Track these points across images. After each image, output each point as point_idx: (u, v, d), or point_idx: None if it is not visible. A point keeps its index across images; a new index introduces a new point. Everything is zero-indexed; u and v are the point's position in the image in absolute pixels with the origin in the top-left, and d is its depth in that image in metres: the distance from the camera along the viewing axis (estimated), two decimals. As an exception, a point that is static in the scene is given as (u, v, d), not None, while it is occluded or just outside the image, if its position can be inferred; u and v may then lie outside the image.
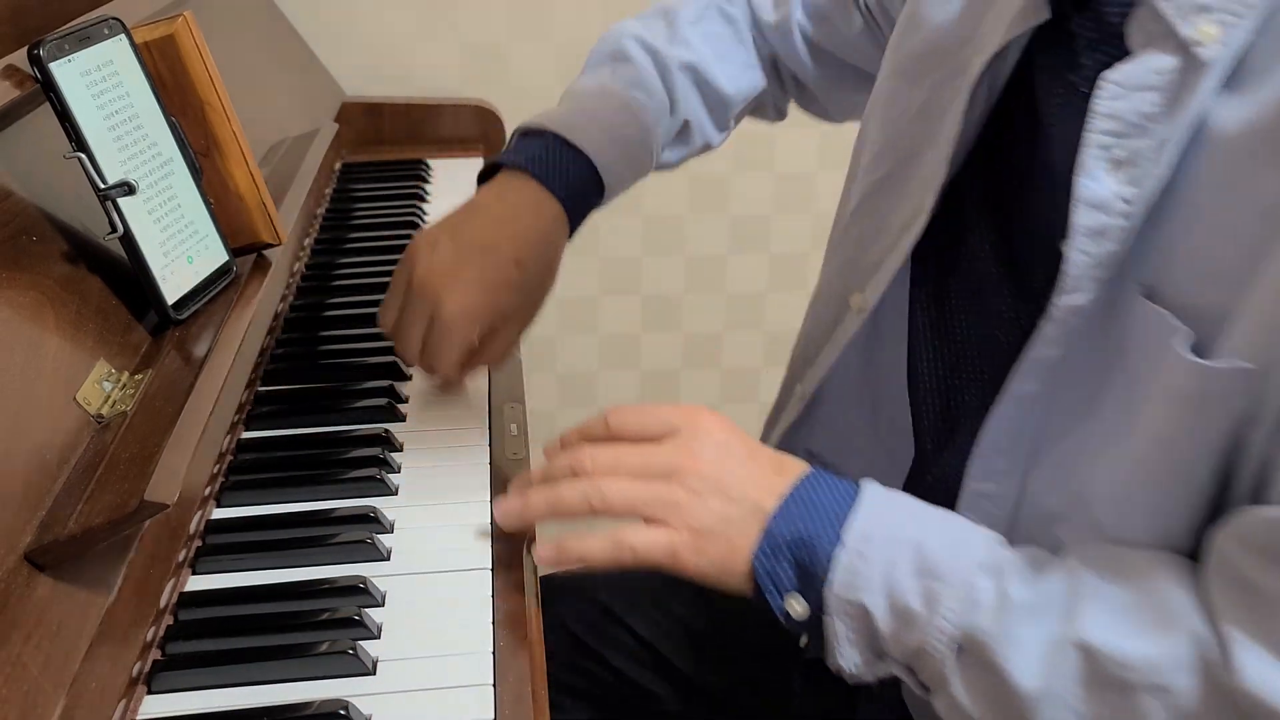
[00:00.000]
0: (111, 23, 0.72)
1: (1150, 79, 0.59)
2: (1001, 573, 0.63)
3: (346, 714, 0.58)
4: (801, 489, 0.67)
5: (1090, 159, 0.61)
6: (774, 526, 0.66)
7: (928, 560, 0.63)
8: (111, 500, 0.56)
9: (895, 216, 0.80)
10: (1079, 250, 0.61)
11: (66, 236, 0.70)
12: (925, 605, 0.62)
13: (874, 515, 0.65)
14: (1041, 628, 0.61)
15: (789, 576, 0.65)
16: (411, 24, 1.52)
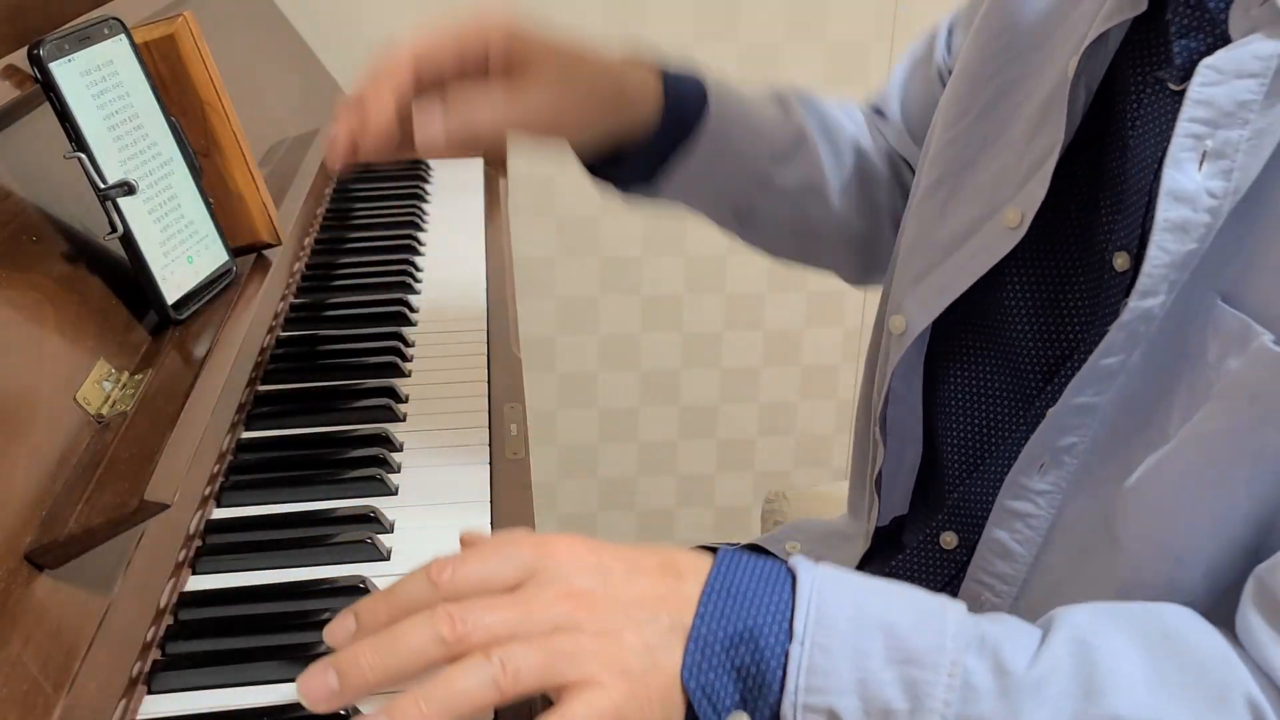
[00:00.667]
0: (111, 23, 0.73)
1: (1251, 65, 0.55)
2: (988, 647, 0.53)
3: (347, 714, 0.57)
4: (717, 579, 0.54)
5: (1179, 149, 0.57)
6: (699, 629, 0.53)
7: (901, 643, 0.52)
8: (111, 500, 0.56)
9: (942, 228, 0.75)
10: (1159, 247, 0.58)
11: (66, 236, 0.70)
12: (909, 700, 0.52)
13: (825, 597, 0.54)
14: (1055, 708, 0.51)
15: (727, 690, 0.53)
16: (411, 24, 1.52)
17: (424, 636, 0.50)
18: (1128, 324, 0.60)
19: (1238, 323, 0.56)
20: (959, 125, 0.76)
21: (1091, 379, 0.62)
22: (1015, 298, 0.72)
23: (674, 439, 1.81)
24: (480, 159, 1.46)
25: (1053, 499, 0.65)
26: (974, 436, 0.75)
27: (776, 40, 1.60)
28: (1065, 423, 0.64)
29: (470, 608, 0.51)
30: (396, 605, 0.53)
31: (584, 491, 1.82)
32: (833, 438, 1.85)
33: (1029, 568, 0.67)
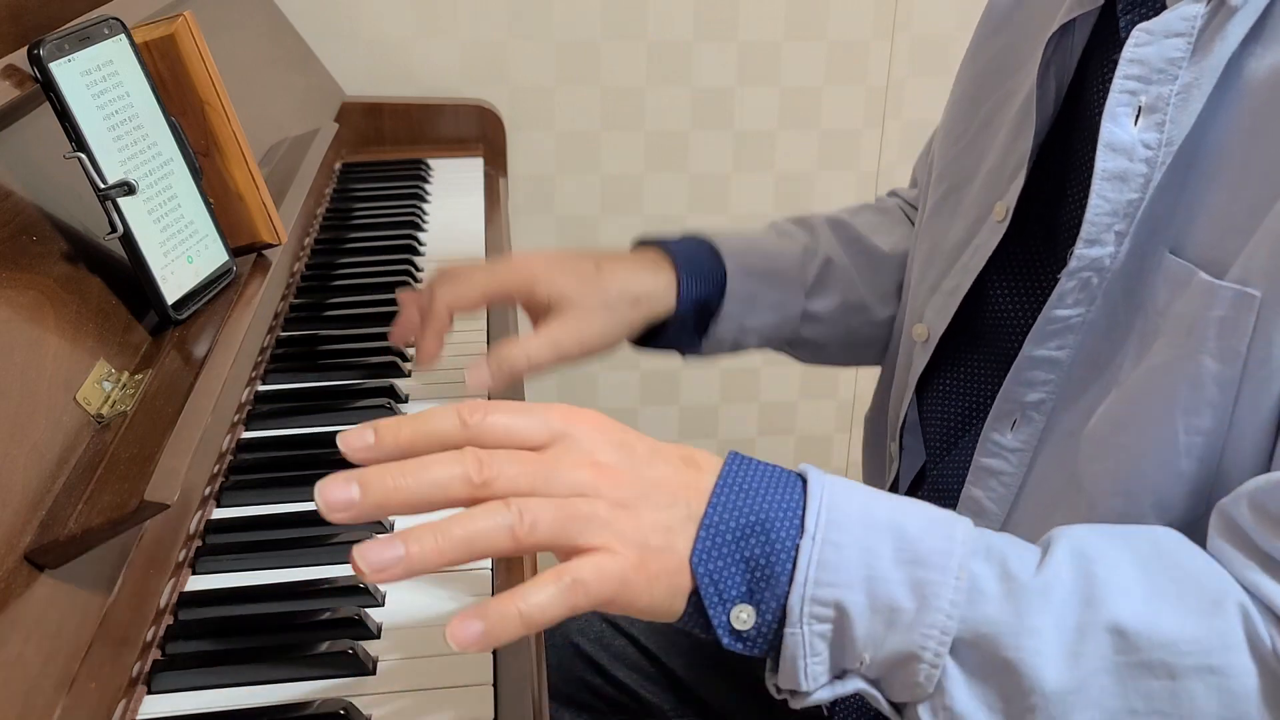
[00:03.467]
0: (111, 23, 0.72)
1: (1178, 25, 0.60)
2: (995, 555, 0.55)
3: (346, 714, 0.58)
4: (731, 474, 0.56)
5: (1115, 104, 0.61)
6: (711, 518, 0.54)
7: (910, 545, 0.54)
8: (111, 500, 0.56)
9: (949, 238, 0.79)
10: (1099, 195, 0.62)
11: (66, 236, 0.70)
12: (916, 600, 0.53)
13: (837, 497, 0.55)
14: (1058, 613, 0.53)
15: (734, 580, 0.53)
16: (411, 24, 1.52)
17: (451, 471, 0.51)
18: (1075, 272, 0.63)
19: (1183, 270, 0.59)
20: (960, 143, 0.80)
21: (1048, 331, 0.65)
22: (999, 288, 0.75)
23: (674, 439, 1.81)
24: (480, 159, 1.47)
25: (1023, 456, 0.68)
26: (955, 417, 0.78)
27: (776, 40, 1.60)
28: (1028, 376, 0.67)
29: (497, 456, 0.52)
30: (420, 431, 0.53)
31: (584, 491, 1.82)
32: (833, 438, 1.85)
33: (1001, 525, 0.70)
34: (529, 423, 0.54)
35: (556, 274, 0.82)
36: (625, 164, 1.63)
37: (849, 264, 0.92)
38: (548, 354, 0.80)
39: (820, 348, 0.94)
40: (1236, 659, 0.52)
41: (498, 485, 0.51)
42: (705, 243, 0.89)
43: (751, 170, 1.66)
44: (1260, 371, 0.56)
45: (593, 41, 1.56)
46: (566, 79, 1.57)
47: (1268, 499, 0.54)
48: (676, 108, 1.61)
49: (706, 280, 0.86)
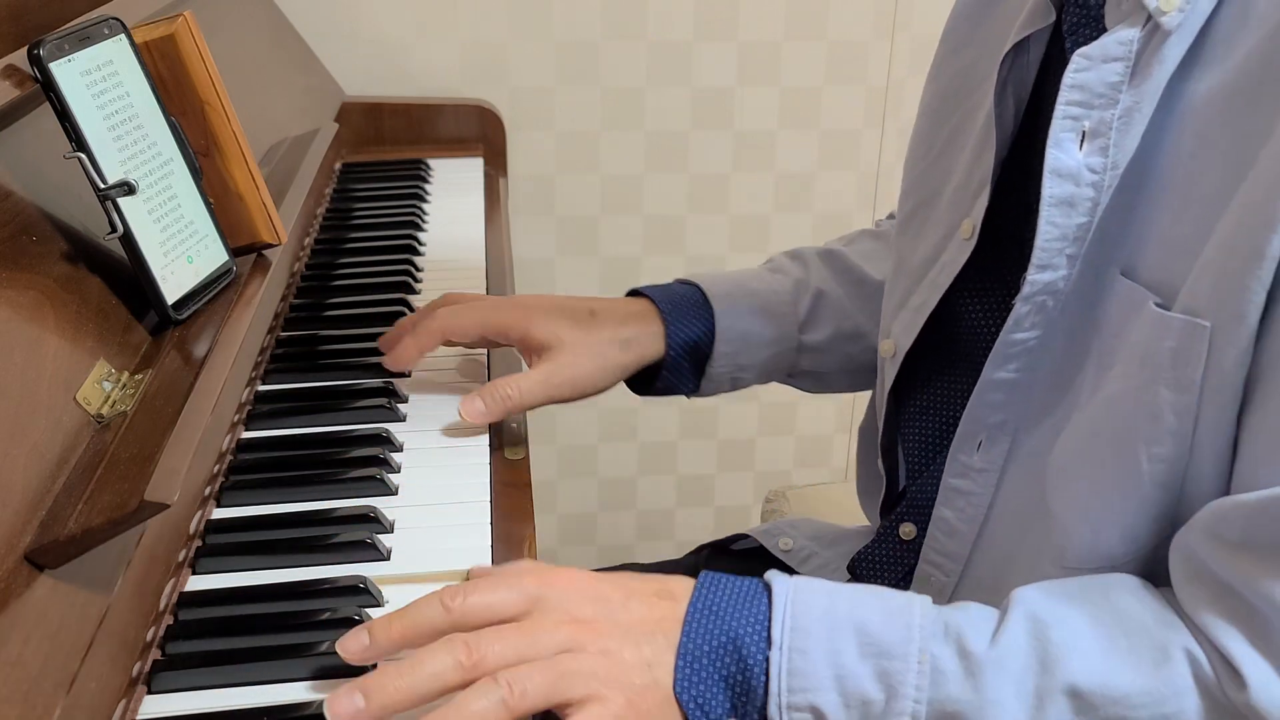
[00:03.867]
0: (111, 23, 0.72)
1: (1115, 50, 0.61)
2: (952, 633, 0.58)
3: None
4: (700, 599, 0.60)
5: (1060, 130, 0.62)
6: (686, 645, 0.58)
7: (872, 638, 0.58)
8: (111, 500, 0.56)
9: (916, 254, 0.80)
10: (1048, 221, 0.62)
11: (66, 236, 0.70)
12: (884, 690, 0.57)
13: (798, 603, 0.59)
14: (1018, 683, 0.56)
15: (718, 699, 0.58)
16: (411, 24, 1.52)
17: (444, 662, 0.55)
18: (1030, 297, 0.64)
19: (1134, 292, 0.60)
20: (925, 161, 0.81)
21: (1006, 354, 0.66)
22: (970, 306, 0.76)
23: (674, 439, 1.81)
24: (480, 159, 1.47)
25: (990, 476, 0.70)
26: (930, 437, 0.79)
27: (776, 40, 1.60)
28: (990, 399, 0.68)
29: (483, 635, 0.56)
30: (409, 624, 0.57)
31: (584, 491, 1.82)
32: (832, 438, 1.85)
33: (972, 545, 0.72)
34: (507, 596, 0.59)
35: (553, 317, 0.85)
36: (625, 164, 1.63)
37: (841, 294, 0.94)
38: (539, 392, 0.83)
39: (821, 377, 0.97)
40: (1187, 703, 0.55)
41: (488, 663, 0.55)
42: (693, 287, 0.92)
43: (751, 170, 1.66)
44: (1216, 399, 0.57)
45: (593, 41, 1.56)
46: (566, 79, 1.57)
47: (1223, 526, 0.56)
48: (676, 108, 1.61)
49: (696, 323, 0.90)
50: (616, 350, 0.86)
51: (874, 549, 0.83)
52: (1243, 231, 0.54)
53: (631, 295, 0.93)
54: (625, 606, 0.60)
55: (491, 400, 0.82)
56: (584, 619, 0.59)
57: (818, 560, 0.91)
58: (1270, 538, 0.54)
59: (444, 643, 0.56)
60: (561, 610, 0.59)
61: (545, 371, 0.84)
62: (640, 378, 0.91)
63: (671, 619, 0.60)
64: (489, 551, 0.71)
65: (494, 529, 0.73)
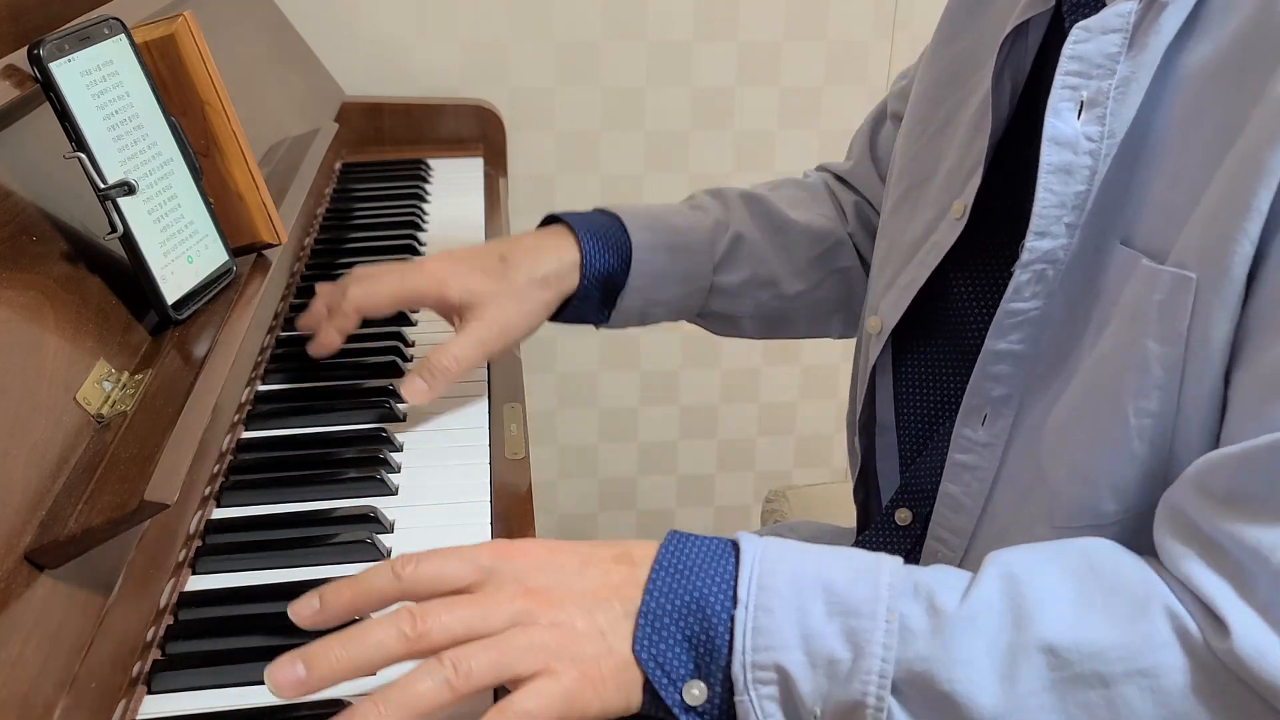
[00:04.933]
0: (111, 23, 0.72)
1: (1114, 22, 0.62)
2: (922, 592, 0.57)
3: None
4: (665, 557, 0.58)
5: (1058, 100, 0.63)
6: (649, 604, 0.56)
7: (839, 597, 0.56)
8: (111, 500, 0.56)
9: (906, 234, 0.81)
10: (1045, 189, 0.64)
11: (66, 236, 0.70)
12: (851, 649, 0.55)
13: (765, 562, 0.58)
14: (989, 639, 0.55)
15: (680, 660, 0.56)
16: (411, 24, 1.52)
17: (388, 633, 0.54)
18: (1028, 264, 0.65)
19: (1131, 258, 0.61)
20: (919, 143, 0.82)
21: (1006, 325, 0.67)
22: (961, 284, 0.77)
23: (674, 439, 1.81)
24: (480, 159, 1.47)
25: (995, 450, 0.69)
26: (925, 419, 0.80)
27: (776, 40, 1.60)
28: (991, 370, 0.68)
29: (430, 607, 0.55)
30: (359, 591, 0.56)
31: (584, 491, 1.82)
32: (832, 438, 1.85)
33: (977, 519, 0.71)
34: (459, 567, 0.57)
35: (464, 274, 0.84)
36: (625, 164, 1.63)
37: (760, 239, 0.94)
38: (474, 352, 0.83)
39: (731, 320, 0.97)
40: (1165, 657, 0.54)
41: (434, 635, 0.54)
42: (613, 217, 0.91)
43: (751, 170, 1.66)
44: (1201, 352, 0.57)
45: (593, 41, 1.56)
46: (566, 79, 1.57)
47: (1209, 479, 0.56)
48: (676, 108, 1.61)
49: (612, 255, 0.89)
50: (536, 290, 0.86)
51: (871, 538, 0.83)
52: (1233, 185, 0.55)
53: (549, 221, 0.92)
54: (581, 573, 0.58)
55: (430, 375, 0.81)
56: (537, 589, 0.57)
57: None
58: (1255, 488, 0.53)
59: (389, 614, 0.55)
60: (514, 582, 0.57)
61: (473, 331, 0.83)
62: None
63: (630, 583, 0.58)
64: (489, 551, 0.71)
65: (494, 529, 0.73)
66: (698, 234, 0.92)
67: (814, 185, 1.01)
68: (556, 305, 0.88)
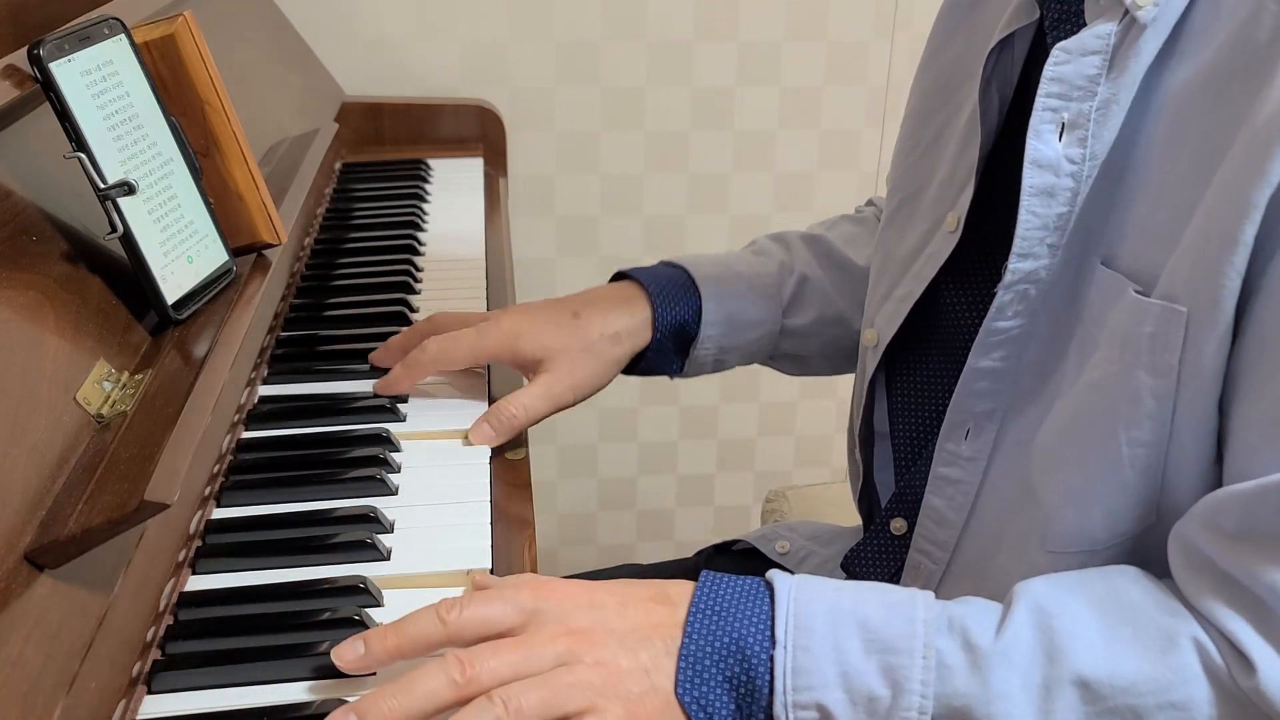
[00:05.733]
0: (111, 23, 0.72)
1: (1093, 44, 0.62)
2: (957, 627, 0.58)
3: (346, 714, 0.57)
4: (701, 600, 0.60)
5: (1039, 122, 0.63)
6: (688, 647, 0.58)
7: (876, 634, 0.57)
8: (111, 500, 0.56)
9: (901, 247, 0.82)
10: (1028, 211, 0.64)
11: (66, 236, 0.70)
12: (889, 686, 0.56)
13: (800, 601, 0.59)
14: (1024, 675, 0.56)
15: (722, 701, 0.57)
16: (411, 24, 1.52)
17: (438, 680, 0.55)
18: (1011, 285, 0.65)
19: (1114, 280, 0.61)
20: (912, 156, 0.83)
21: (990, 343, 0.67)
22: (952, 297, 0.77)
23: (674, 439, 1.81)
24: (480, 159, 1.47)
25: (978, 465, 0.70)
26: (918, 429, 0.80)
27: (776, 40, 1.60)
28: (975, 387, 0.69)
29: (478, 652, 0.56)
30: (404, 637, 0.57)
31: (584, 491, 1.82)
32: (833, 438, 1.85)
33: (960, 533, 0.72)
34: (502, 610, 0.58)
35: (539, 330, 0.86)
36: (625, 164, 1.63)
37: (824, 279, 0.95)
38: (544, 405, 0.84)
39: (802, 360, 0.98)
40: (1195, 691, 0.55)
41: (483, 680, 0.55)
42: (679, 269, 0.93)
43: (751, 170, 1.66)
44: (1194, 383, 0.57)
45: (593, 41, 1.56)
46: (566, 79, 1.57)
47: (1221, 516, 0.56)
48: (676, 108, 1.61)
49: (682, 308, 0.90)
50: (609, 346, 0.87)
51: (866, 545, 0.84)
52: (1217, 218, 0.55)
53: (617, 278, 0.93)
54: (621, 614, 0.60)
55: (498, 423, 0.82)
56: (579, 629, 0.58)
57: (815, 559, 0.92)
58: (1268, 526, 0.54)
59: (438, 661, 0.56)
60: (557, 622, 0.58)
61: (544, 384, 0.84)
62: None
63: (670, 624, 0.59)
64: (489, 552, 0.71)
65: (494, 529, 0.73)
66: (764, 279, 0.94)
67: (867, 220, 1.01)
68: (628, 360, 0.89)
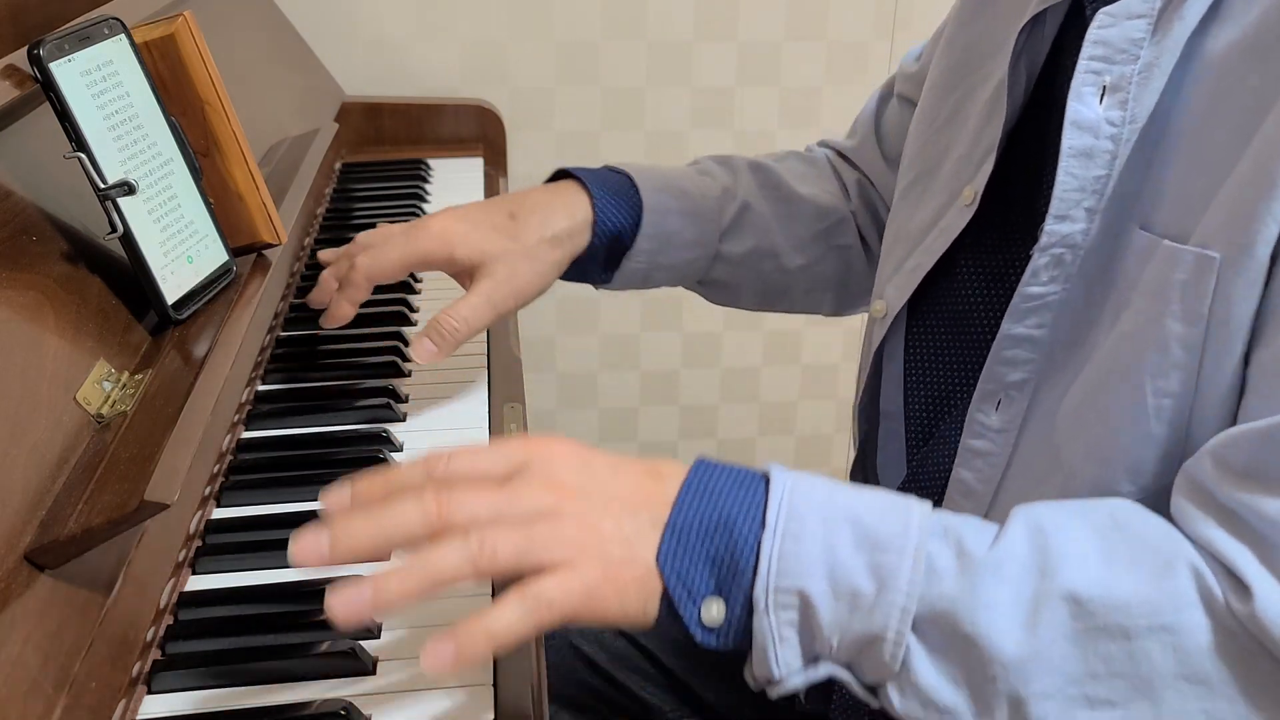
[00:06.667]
0: (111, 23, 0.72)
1: (1138, 8, 0.62)
2: (951, 535, 0.57)
3: (347, 714, 0.58)
4: (695, 479, 0.58)
5: (1081, 84, 0.63)
6: (676, 520, 0.56)
7: (868, 531, 0.56)
8: (111, 500, 0.56)
9: (914, 221, 0.81)
10: (1066, 172, 0.64)
11: (66, 236, 0.70)
12: (875, 582, 0.55)
13: (797, 493, 0.57)
14: (1015, 587, 0.55)
15: (702, 577, 0.56)
16: (411, 24, 1.52)
17: (411, 513, 0.53)
18: (1046, 248, 0.65)
19: (1151, 243, 0.61)
20: (929, 131, 0.82)
21: (1023, 309, 0.67)
22: (969, 269, 0.77)
23: (674, 439, 1.81)
24: (480, 159, 1.47)
25: (1008, 436, 0.69)
26: (932, 405, 0.80)
27: (776, 40, 1.60)
28: (1008, 355, 0.68)
29: (456, 491, 0.54)
30: (391, 483, 0.56)
31: (584, 491, 1.82)
32: (833, 438, 1.85)
33: (988, 505, 0.71)
34: (491, 459, 0.57)
35: (473, 234, 0.83)
36: (625, 164, 1.63)
37: (766, 210, 0.93)
38: (485, 313, 0.82)
39: (729, 289, 0.96)
40: (1189, 616, 0.54)
41: (457, 518, 0.53)
42: (624, 175, 0.89)
43: (751, 170, 1.66)
44: (1222, 332, 0.57)
45: (593, 41, 1.56)
46: (566, 79, 1.57)
47: (1229, 452, 0.56)
48: (676, 108, 1.61)
49: (622, 215, 0.87)
50: (548, 249, 0.84)
51: None
52: (1258, 166, 0.55)
53: (557, 177, 0.90)
54: (611, 477, 0.58)
55: (439, 336, 0.80)
56: (567, 484, 0.56)
57: None
58: (1275, 463, 0.54)
59: (415, 494, 0.54)
60: (546, 474, 0.57)
61: (484, 291, 0.82)
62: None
63: (659, 497, 0.57)
64: (489, 551, 0.71)
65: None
66: (707, 200, 0.91)
67: (818, 160, 1.01)
68: (568, 264, 0.86)
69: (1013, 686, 0.54)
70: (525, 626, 0.52)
